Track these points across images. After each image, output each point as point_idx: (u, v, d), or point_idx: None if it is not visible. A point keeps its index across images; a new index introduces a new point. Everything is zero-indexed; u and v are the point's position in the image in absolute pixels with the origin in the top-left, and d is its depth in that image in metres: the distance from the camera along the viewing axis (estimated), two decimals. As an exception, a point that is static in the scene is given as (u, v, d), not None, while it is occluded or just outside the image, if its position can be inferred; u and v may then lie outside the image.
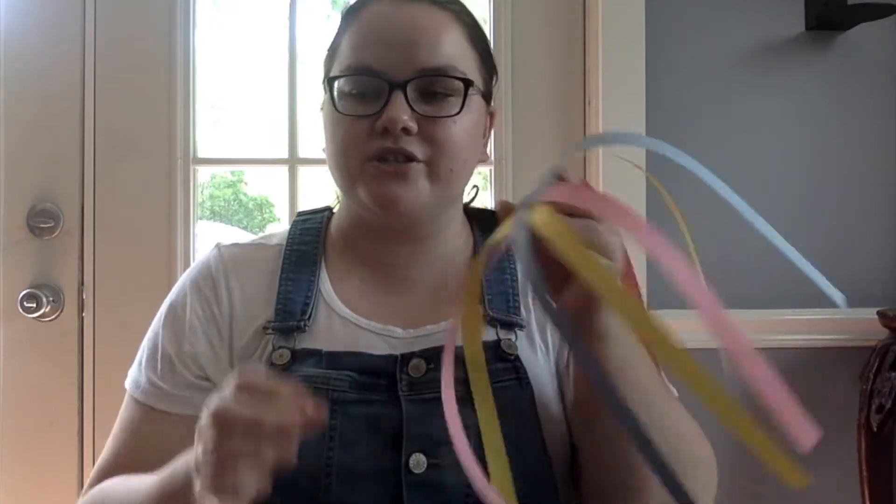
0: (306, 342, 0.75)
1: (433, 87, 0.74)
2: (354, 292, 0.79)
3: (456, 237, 0.83)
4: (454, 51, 0.75)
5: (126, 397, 0.79)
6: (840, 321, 1.45)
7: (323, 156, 0.81)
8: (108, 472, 0.75)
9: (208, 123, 1.56)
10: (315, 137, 1.50)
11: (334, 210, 0.87)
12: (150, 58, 1.45)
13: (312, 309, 0.77)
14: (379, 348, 0.74)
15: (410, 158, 0.73)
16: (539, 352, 0.78)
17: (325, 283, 0.80)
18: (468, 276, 0.77)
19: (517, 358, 0.74)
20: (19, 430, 1.42)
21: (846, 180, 1.49)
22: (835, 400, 1.45)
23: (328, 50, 0.81)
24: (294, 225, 0.86)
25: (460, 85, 0.74)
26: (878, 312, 1.38)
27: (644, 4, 1.43)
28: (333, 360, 0.72)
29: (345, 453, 0.68)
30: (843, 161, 1.49)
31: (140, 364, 0.79)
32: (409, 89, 0.72)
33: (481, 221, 0.86)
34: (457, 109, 0.74)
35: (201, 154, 1.49)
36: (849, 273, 1.48)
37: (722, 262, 1.46)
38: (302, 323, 0.75)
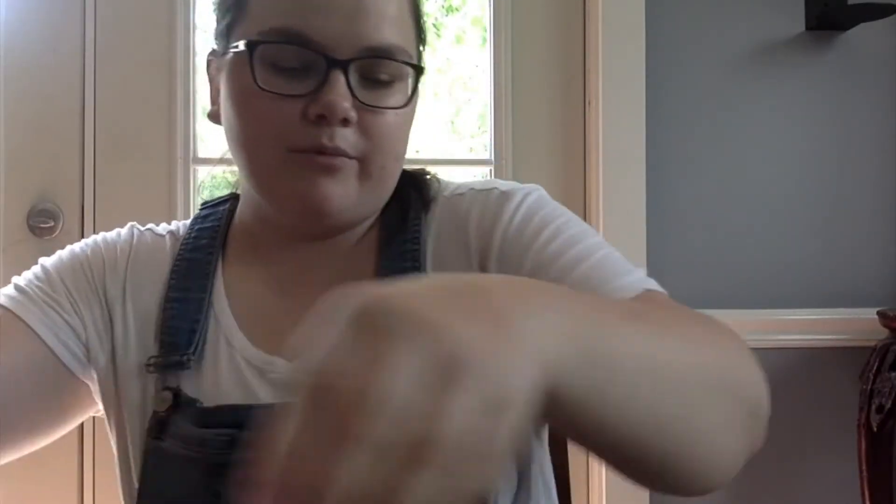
0: (188, 384, 0.63)
1: (377, 71, 0.61)
2: (249, 302, 0.68)
3: (364, 226, 0.69)
4: (402, 28, 0.62)
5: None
6: (840, 321, 1.45)
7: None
8: None
9: (208, 123, 1.55)
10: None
11: (239, 193, 0.73)
12: (150, 58, 1.45)
13: (200, 337, 0.65)
14: (261, 391, 0.63)
15: (343, 155, 0.60)
16: None
17: (220, 297, 0.68)
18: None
19: None
20: (19, 430, 1.42)
21: (846, 180, 1.49)
22: (835, 400, 1.45)
23: None
24: (192, 223, 0.73)
25: (408, 70, 0.62)
26: (878, 312, 1.38)
27: (644, 4, 1.43)
28: (207, 417, 0.61)
29: None
30: (843, 161, 1.49)
31: (17, 282, 0.71)
32: (350, 69, 0.59)
33: (396, 192, 0.69)
34: (403, 101, 0.62)
35: (201, 154, 1.49)
36: (849, 273, 1.48)
37: (722, 262, 1.46)
38: (185, 358, 0.64)
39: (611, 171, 1.42)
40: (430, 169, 0.73)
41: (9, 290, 0.69)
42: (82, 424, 1.42)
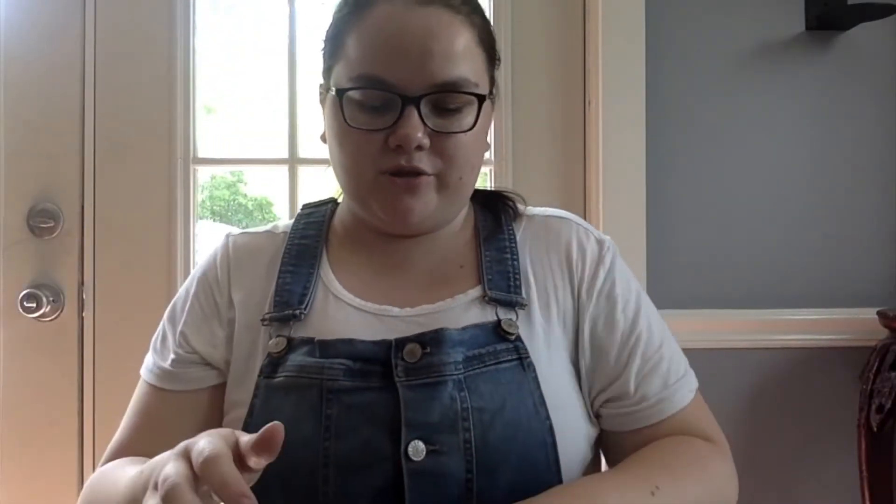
0: (302, 331, 0.75)
1: (446, 101, 0.73)
2: (353, 275, 0.80)
3: (460, 222, 0.84)
4: (467, 61, 0.74)
5: (140, 383, 0.83)
6: (840, 321, 1.45)
7: (322, 155, 0.81)
8: (117, 452, 0.78)
9: (208, 123, 1.56)
10: (314, 137, 1.50)
11: (338, 200, 0.88)
12: (150, 58, 1.45)
13: (310, 298, 0.77)
14: (374, 331, 0.74)
15: (421, 173, 0.73)
16: (540, 331, 0.76)
17: (326, 270, 0.81)
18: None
19: (518, 338, 0.73)
20: (19, 430, 1.42)
21: (846, 180, 1.49)
22: (835, 400, 1.45)
23: (328, 39, 0.79)
24: (298, 219, 0.87)
25: (473, 98, 0.74)
26: (878, 312, 1.38)
27: (644, 4, 1.43)
28: (326, 348, 0.72)
29: (341, 443, 0.67)
30: (844, 161, 1.49)
31: (151, 350, 0.83)
32: (422, 104, 0.71)
33: (482, 200, 0.87)
34: (469, 124, 0.74)
35: (201, 154, 1.49)
36: (849, 273, 1.48)
37: (722, 262, 1.46)
38: (298, 312, 0.76)
39: (611, 171, 1.42)
40: None
41: (150, 360, 0.82)
42: (82, 423, 1.43)
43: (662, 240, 1.43)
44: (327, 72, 0.79)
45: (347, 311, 0.77)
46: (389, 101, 0.72)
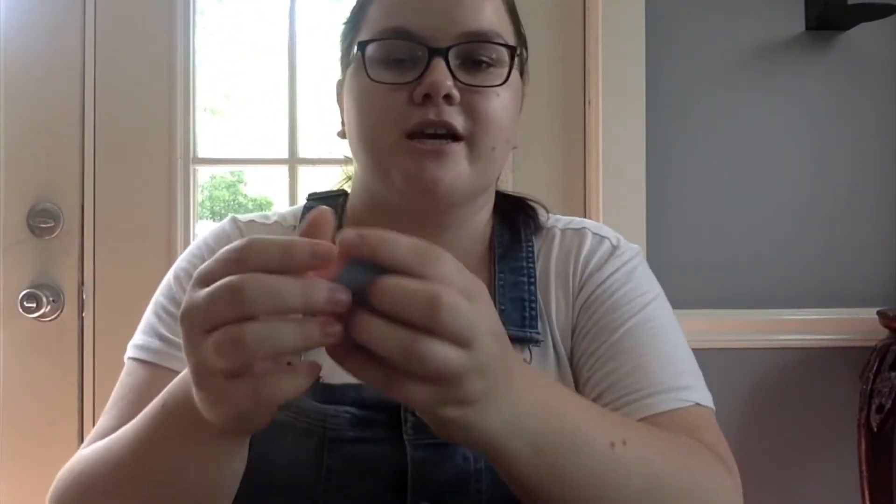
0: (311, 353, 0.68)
1: (477, 54, 0.67)
2: None
3: (479, 228, 0.76)
4: (497, 16, 0.69)
5: (127, 366, 0.72)
6: (840, 321, 1.45)
7: (323, 155, 0.77)
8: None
9: (208, 123, 1.56)
10: (316, 138, 1.50)
11: (348, 191, 0.80)
12: (150, 58, 1.45)
13: None
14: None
15: (452, 132, 0.66)
16: (553, 367, 0.70)
17: None
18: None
19: None
20: (19, 430, 1.42)
21: (846, 180, 1.49)
22: (835, 400, 1.45)
23: (349, 20, 0.74)
24: (305, 213, 0.78)
25: (505, 53, 0.68)
26: (878, 312, 1.38)
27: (644, 4, 1.43)
28: (332, 393, 0.64)
29: (341, 496, 0.62)
30: (844, 161, 1.49)
31: (149, 327, 0.72)
32: (450, 56, 0.65)
33: (502, 208, 0.78)
34: (501, 80, 0.67)
35: (201, 154, 1.49)
36: (849, 273, 1.48)
37: (722, 262, 1.46)
38: None
39: (611, 171, 1.42)
40: None
41: (146, 339, 0.71)
42: (82, 424, 1.43)
43: (662, 240, 1.43)
44: (346, 53, 0.73)
45: None
46: (415, 54, 0.66)
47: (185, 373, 0.49)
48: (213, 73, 1.54)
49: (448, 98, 0.65)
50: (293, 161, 1.49)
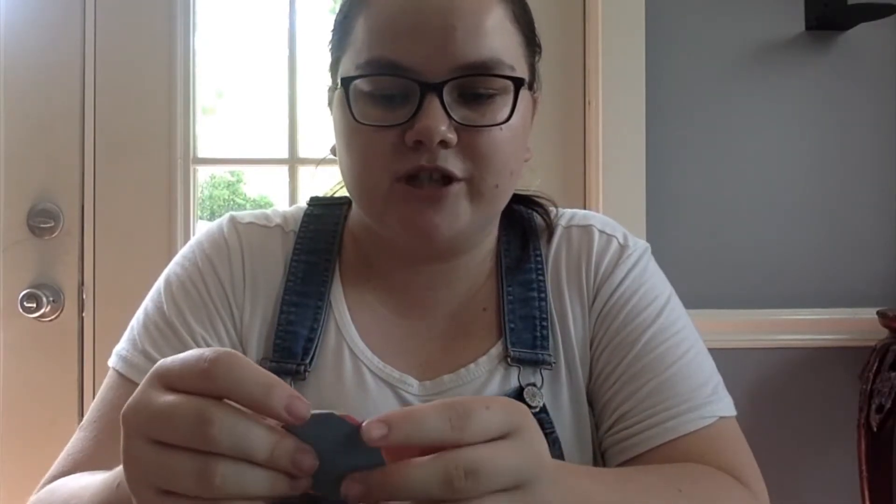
0: (308, 391, 0.63)
1: (475, 86, 0.60)
2: (370, 316, 0.68)
3: (487, 248, 0.71)
4: (498, 39, 0.60)
5: (109, 376, 0.68)
6: (840, 321, 1.45)
7: (325, 154, 0.71)
8: (82, 465, 0.65)
9: (208, 123, 1.56)
10: (316, 137, 1.50)
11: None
12: (150, 58, 1.45)
13: (317, 344, 0.65)
14: (389, 408, 0.60)
15: (448, 178, 0.59)
16: (565, 389, 0.67)
17: (340, 304, 0.68)
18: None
19: (543, 409, 0.64)
20: (19, 430, 1.42)
21: (846, 180, 1.49)
22: (835, 400, 1.45)
23: (334, 30, 0.67)
24: (306, 219, 0.73)
25: (508, 83, 0.60)
26: (878, 312, 1.38)
27: (644, 4, 1.43)
28: None
29: None
30: (843, 161, 1.49)
31: (134, 339, 0.69)
32: (445, 92, 0.58)
33: (509, 217, 0.73)
34: (505, 115, 0.60)
35: (201, 154, 1.49)
36: (849, 273, 1.48)
37: (722, 262, 1.46)
38: (300, 366, 0.64)
39: (611, 171, 1.42)
40: None
41: (130, 352, 0.68)
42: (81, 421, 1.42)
43: (662, 240, 1.43)
44: (334, 65, 0.66)
45: (363, 373, 0.65)
46: (406, 90, 0.58)
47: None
48: (212, 73, 1.54)
49: (443, 143, 0.58)
50: (293, 161, 1.49)
